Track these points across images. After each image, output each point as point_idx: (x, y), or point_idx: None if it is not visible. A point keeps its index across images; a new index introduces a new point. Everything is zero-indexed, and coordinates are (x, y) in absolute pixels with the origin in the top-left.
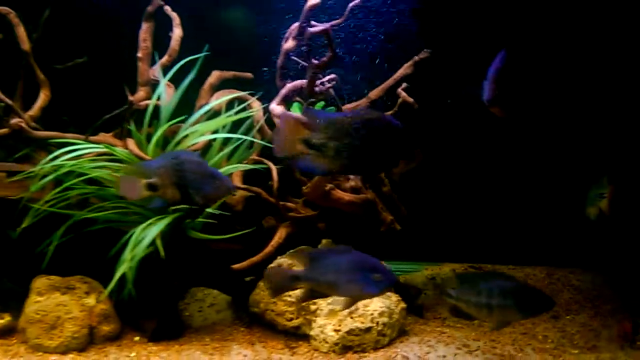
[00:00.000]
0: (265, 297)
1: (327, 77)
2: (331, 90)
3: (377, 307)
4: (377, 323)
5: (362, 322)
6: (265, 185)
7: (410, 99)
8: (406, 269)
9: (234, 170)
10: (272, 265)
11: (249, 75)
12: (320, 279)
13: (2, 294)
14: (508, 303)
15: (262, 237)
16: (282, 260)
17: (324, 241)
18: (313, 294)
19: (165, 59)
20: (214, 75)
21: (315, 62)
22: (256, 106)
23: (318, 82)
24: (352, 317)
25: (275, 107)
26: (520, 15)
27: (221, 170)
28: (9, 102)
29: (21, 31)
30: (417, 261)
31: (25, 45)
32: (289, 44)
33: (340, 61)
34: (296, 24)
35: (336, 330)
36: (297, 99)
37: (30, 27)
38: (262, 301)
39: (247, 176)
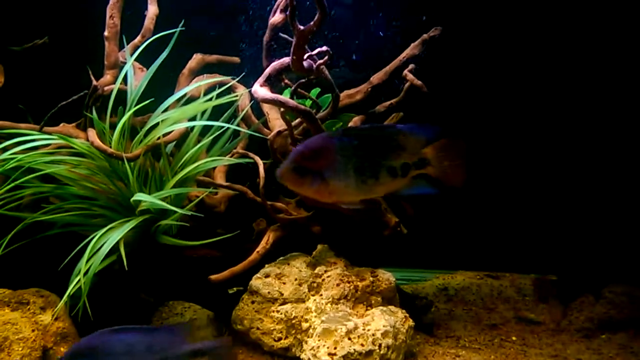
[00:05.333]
0: (250, 312)
1: (317, 50)
2: (325, 71)
3: (380, 325)
4: (380, 345)
5: (362, 345)
6: (253, 183)
7: (419, 82)
8: (414, 277)
9: (215, 164)
10: (258, 275)
11: (235, 59)
12: None
13: None
14: None
15: (253, 243)
16: (270, 270)
17: (319, 247)
18: None
19: (138, 39)
20: (195, 59)
21: (301, 27)
22: (241, 91)
23: (306, 55)
24: (350, 339)
25: (259, 89)
26: None
27: (199, 163)
28: None
29: None
30: (427, 269)
31: None
32: (276, 17)
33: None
34: None
35: (331, 354)
36: (286, 81)
37: None
38: (247, 317)
39: (233, 172)
